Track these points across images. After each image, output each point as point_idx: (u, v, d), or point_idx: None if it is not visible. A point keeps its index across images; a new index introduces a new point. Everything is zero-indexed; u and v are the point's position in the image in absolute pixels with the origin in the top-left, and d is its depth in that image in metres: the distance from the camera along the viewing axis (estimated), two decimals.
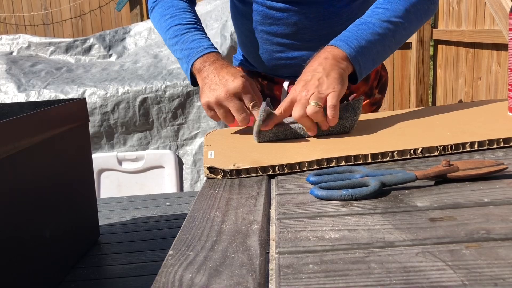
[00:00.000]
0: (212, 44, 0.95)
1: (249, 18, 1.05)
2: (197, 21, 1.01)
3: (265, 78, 1.15)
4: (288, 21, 1.01)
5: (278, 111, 0.81)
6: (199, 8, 3.40)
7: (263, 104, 0.81)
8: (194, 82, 0.95)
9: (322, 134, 0.82)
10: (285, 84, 1.11)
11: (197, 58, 0.92)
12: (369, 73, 0.89)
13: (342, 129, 0.82)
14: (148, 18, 4.15)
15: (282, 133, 0.81)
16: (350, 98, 0.84)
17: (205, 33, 0.99)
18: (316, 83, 0.79)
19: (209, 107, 0.87)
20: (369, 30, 0.86)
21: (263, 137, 0.81)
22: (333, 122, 0.79)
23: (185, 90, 2.74)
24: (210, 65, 0.90)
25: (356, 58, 0.83)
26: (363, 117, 0.94)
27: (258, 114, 0.81)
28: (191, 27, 0.98)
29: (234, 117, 0.87)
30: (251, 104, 0.86)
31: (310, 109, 0.77)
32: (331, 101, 0.78)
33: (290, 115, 0.82)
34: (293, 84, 1.10)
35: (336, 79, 0.80)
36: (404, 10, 0.88)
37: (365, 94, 1.15)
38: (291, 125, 0.82)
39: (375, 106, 1.21)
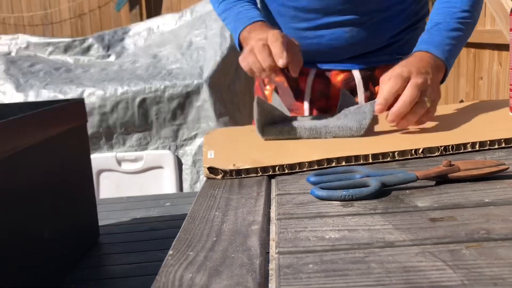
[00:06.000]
0: (258, 14, 0.98)
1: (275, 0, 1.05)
2: None
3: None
4: None
5: (379, 102, 0.76)
6: (199, 9, 3.39)
7: (255, 99, 0.80)
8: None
9: (328, 137, 0.79)
10: (310, 78, 1.07)
11: (241, 30, 0.96)
12: None
13: (351, 133, 0.79)
14: (146, 18, 4.14)
15: (287, 132, 0.80)
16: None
17: (253, 2, 1.02)
18: (429, 81, 0.78)
19: (244, 59, 0.86)
20: (447, 28, 0.88)
21: (268, 133, 0.80)
22: (426, 119, 0.79)
23: (184, 91, 2.74)
24: (249, 33, 0.94)
25: (449, 62, 0.85)
26: None
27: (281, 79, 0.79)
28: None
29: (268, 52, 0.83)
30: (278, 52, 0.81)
31: (420, 106, 0.75)
32: (432, 110, 0.78)
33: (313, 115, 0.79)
34: (319, 77, 1.05)
35: (439, 90, 0.81)
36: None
37: None
38: (296, 126, 0.80)
39: None
